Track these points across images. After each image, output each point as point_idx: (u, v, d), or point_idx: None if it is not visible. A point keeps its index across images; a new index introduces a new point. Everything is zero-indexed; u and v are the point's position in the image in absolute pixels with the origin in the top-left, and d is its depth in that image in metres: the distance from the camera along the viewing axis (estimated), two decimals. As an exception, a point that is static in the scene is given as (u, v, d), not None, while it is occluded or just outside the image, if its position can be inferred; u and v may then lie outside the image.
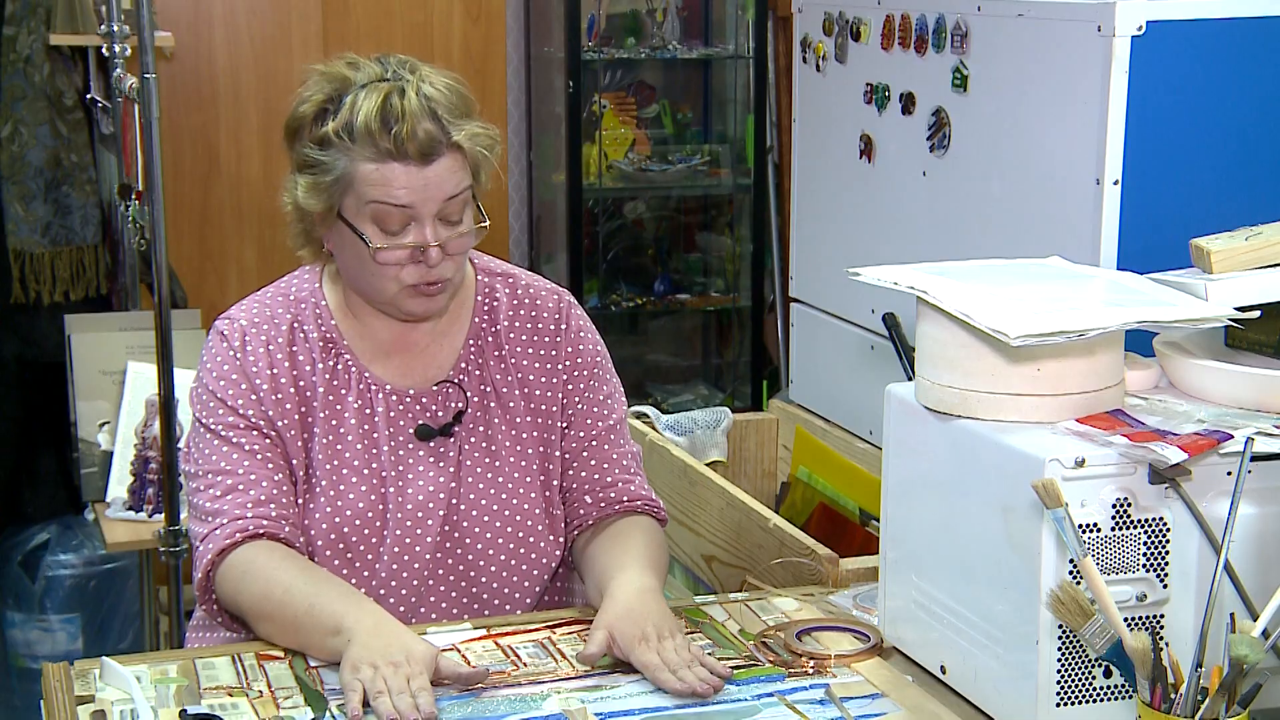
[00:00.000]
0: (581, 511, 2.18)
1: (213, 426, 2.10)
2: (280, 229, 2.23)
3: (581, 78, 4.87)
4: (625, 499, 2.18)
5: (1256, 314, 1.83)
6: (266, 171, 4.66)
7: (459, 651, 1.96)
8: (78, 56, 4.02)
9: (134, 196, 3.56)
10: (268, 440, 2.09)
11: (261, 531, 2.03)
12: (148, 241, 3.16)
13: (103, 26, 3.63)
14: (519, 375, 2.19)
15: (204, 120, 4.66)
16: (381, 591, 2.10)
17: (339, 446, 2.11)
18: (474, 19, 4.93)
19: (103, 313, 3.89)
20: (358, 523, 2.09)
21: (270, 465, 2.08)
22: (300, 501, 2.10)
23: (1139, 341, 1.86)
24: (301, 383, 2.12)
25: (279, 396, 2.10)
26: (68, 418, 3.68)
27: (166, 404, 3.09)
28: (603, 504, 2.18)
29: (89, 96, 3.99)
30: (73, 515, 4.04)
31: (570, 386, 2.20)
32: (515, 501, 2.15)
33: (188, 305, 4.15)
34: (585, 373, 2.22)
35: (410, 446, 2.14)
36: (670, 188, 5.19)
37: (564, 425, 2.19)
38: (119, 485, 3.49)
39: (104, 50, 3.67)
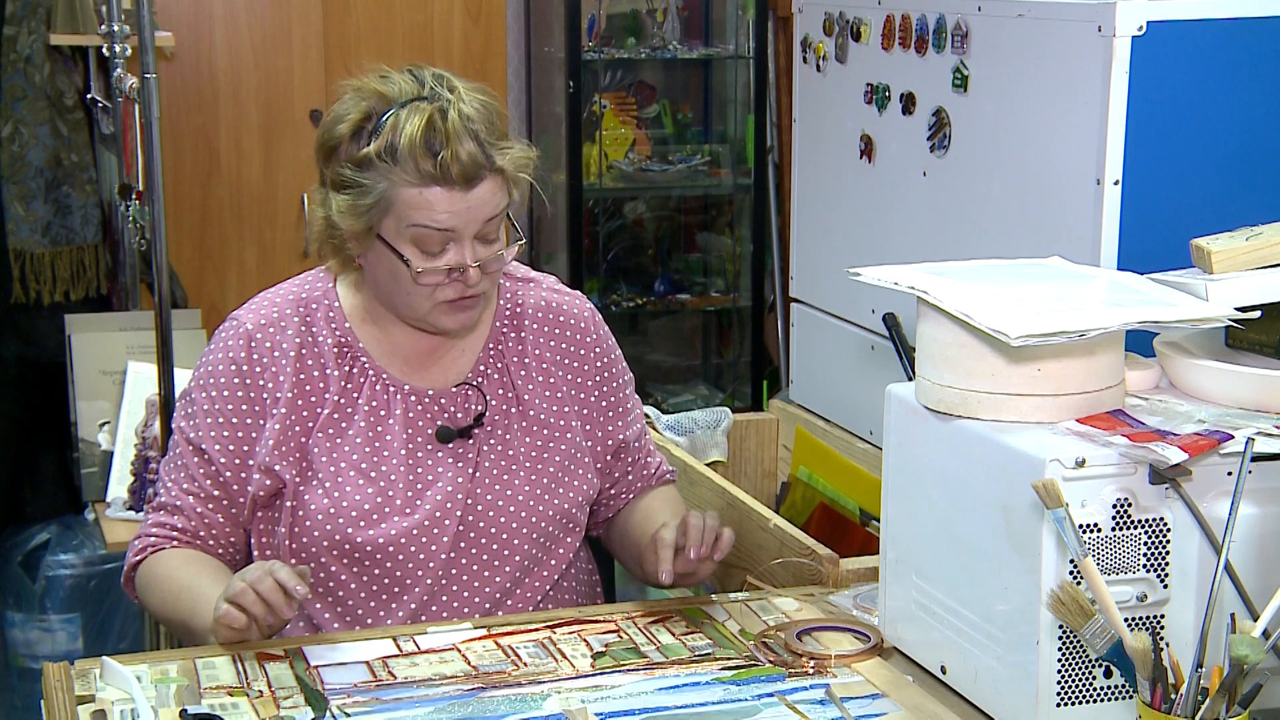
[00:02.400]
0: (622, 497, 2.32)
1: (176, 438, 2.17)
2: (280, 229, 2.24)
3: (581, 78, 4.88)
4: (655, 479, 2.36)
5: (1257, 314, 1.83)
6: (266, 171, 4.65)
7: (459, 651, 1.96)
8: (78, 56, 4.02)
9: (134, 196, 3.56)
10: (217, 468, 2.12)
11: (170, 545, 2.13)
12: (148, 241, 3.16)
13: (103, 26, 3.63)
14: (541, 378, 2.20)
15: (204, 120, 4.66)
16: (395, 589, 2.10)
17: (346, 448, 2.11)
18: (474, 19, 4.93)
19: (103, 313, 3.89)
20: (362, 524, 2.09)
21: (203, 494, 2.13)
22: (291, 504, 2.11)
23: (1139, 341, 1.86)
24: (308, 387, 2.12)
25: (279, 403, 2.10)
26: (68, 418, 3.68)
27: (166, 404, 3.09)
28: (639, 490, 2.33)
29: (89, 96, 3.99)
30: (73, 515, 4.04)
31: (604, 403, 2.26)
32: (531, 504, 2.15)
33: (188, 305, 4.15)
34: (618, 383, 2.29)
35: (430, 448, 2.14)
36: (670, 188, 5.20)
37: (606, 440, 2.26)
38: (119, 485, 3.49)
39: (104, 50, 3.67)
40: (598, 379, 2.25)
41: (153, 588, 2.12)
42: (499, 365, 2.20)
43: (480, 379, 2.18)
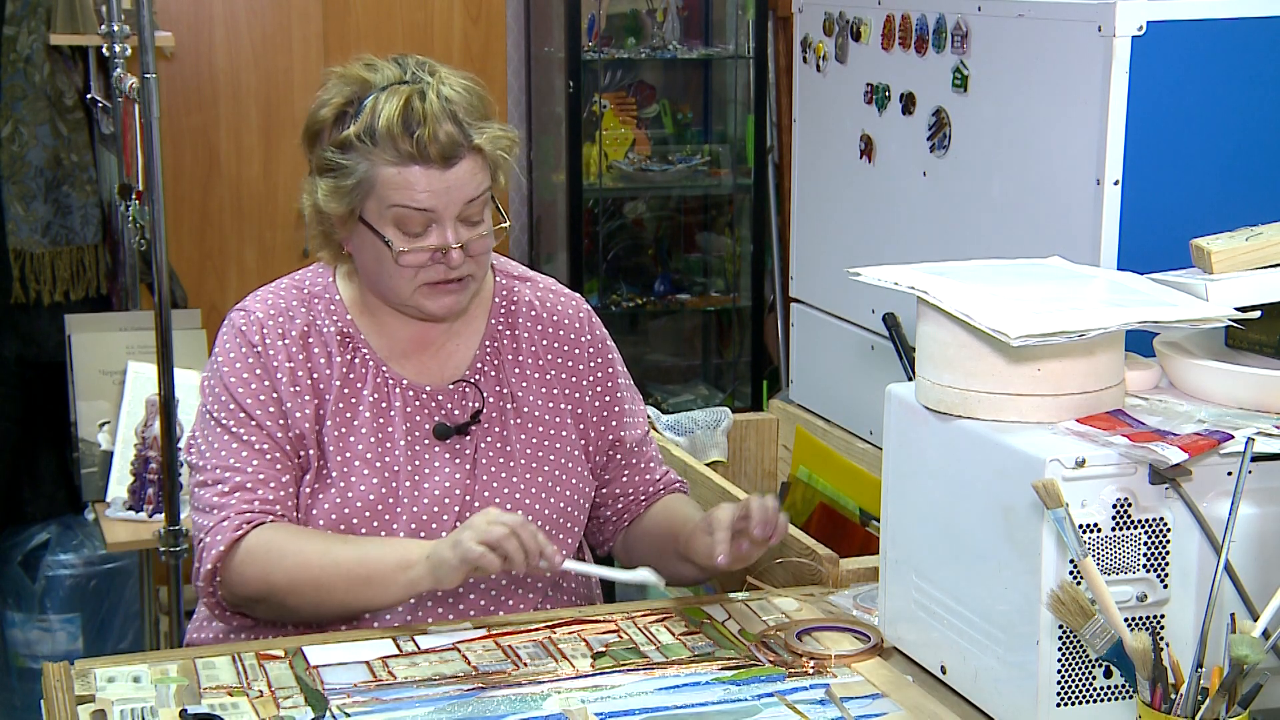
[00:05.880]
0: (622, 507, 2.29)
1: (223, 421, 2.11)
2: (280, 229, 2.24)
3: (581, 78, 4.87)
4: (663, 487, 2.32)
5: (1257, 314, 1.83)
6: (266, 171, 4.65)
7: (459, 651, 1.96)
8: (78, 56, 4.02)
9: (134, 196, 3.56)
10: (275, 440, 2.09)
11: (269, 520, 2.06)
12: (148, 241, 3.16)
13: (103, 26, 3.63)
14: (537, 377, 2.21)
15: (204, 120, 4.65)
16: None
17: (352, 439, 2.12)
18: (474, 19, 4.93)
19: (103, 313, 3.89)
20: (367, 514, 2.09)
21: (279, 466, 2.09)
22: (308, 490, 2.11)
23: (1139, 341, 1.86)
24: (316, 375, 2.13)
25: (296, 389, 2.11)
26: (68, 418, 3.68)
27: (166, 404, 3.09)
28: (648, 495, 2.30)
29: (89, 96, 3.99)
30: (73, 515, 4.04)
31: (599, 403, 2.26)
32: (528, 502, 2.16)
33: (188, 305, 4.15)
34: (613, 383, 2.28)
35: (427, 443, 2.15)
36: (670, 188, 5.19)
37: (599, 440, 2.25)
38: (119, 485, 3.49)
39: (104, 50, 3.67)
40: (591, 379, 2.25)
41: (284, 551, 2.02)
42: (495, 363, 2.20)
43: (477, 375, 2.19)
